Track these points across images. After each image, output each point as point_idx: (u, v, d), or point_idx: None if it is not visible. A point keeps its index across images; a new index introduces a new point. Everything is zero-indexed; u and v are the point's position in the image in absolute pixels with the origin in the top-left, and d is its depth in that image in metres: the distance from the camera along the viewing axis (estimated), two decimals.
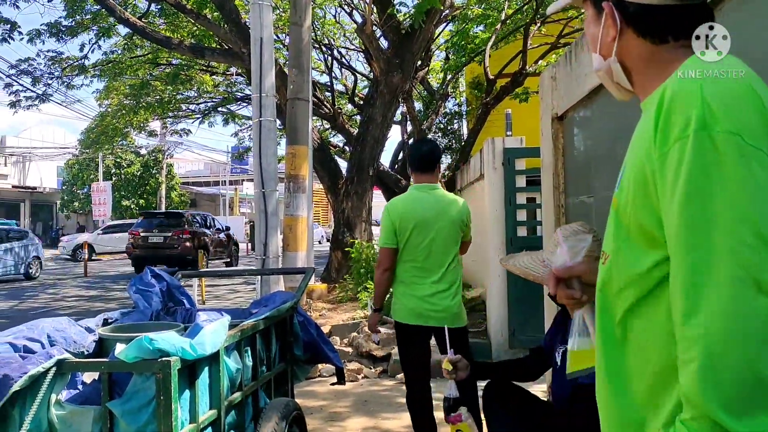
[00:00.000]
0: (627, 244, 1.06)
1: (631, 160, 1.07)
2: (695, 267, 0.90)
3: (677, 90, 0.97)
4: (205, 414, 2.40)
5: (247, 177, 51.35)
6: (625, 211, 1.05)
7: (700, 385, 0.88)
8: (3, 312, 10.87)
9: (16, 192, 33.06)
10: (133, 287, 3.39)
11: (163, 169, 35.53)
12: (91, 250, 24.96)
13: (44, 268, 19.14)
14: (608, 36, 1.14)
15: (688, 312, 0.90)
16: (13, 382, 2.09)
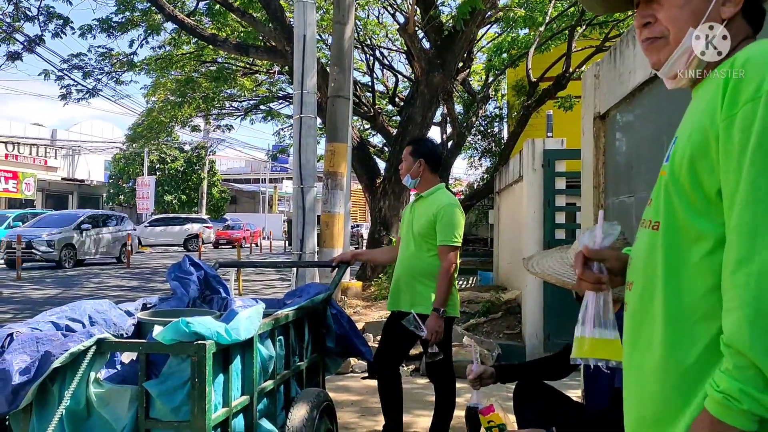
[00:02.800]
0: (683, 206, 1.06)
1: (689, 127, 1.07)
2: (755, 218, 0.91)
3: (750, 56, 1.00)
4: (237, 399, 2.43)
5: (286, 175, 51.92)
6: (680, 175, 1.05)
7: (747, 331, 0.88)
8: (50, 300, 11.24)
9: (65, 184, 34.12)
10: (171, 274, 3.46)
11: (205, 165, 36.17)
12: (138, 242, 26.04)
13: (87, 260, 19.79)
14: (724, 13, 1.12)
15: (742, 259, 0.91)
16: (55, 359, 2.16)
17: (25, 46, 12.13)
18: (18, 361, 2.17)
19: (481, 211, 22.30)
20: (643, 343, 1.12)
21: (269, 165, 45.04)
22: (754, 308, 0.88)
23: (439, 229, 3.41)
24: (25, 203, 29.76)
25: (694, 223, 1.03)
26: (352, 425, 4.09)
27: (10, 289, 12.61)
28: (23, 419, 2.26)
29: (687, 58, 1.16)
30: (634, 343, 1.15)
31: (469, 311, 7.12)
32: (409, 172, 3.58)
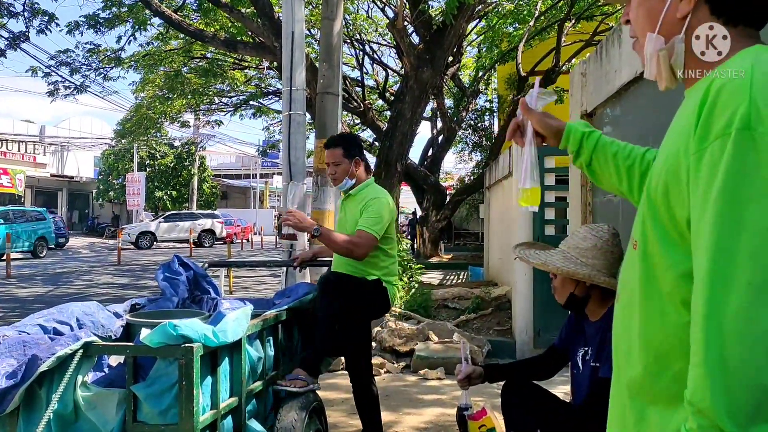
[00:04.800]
0: (656, 233, 1.01)
1: (667, 148, 1.02)
2: (717, 268, 0.87)
3: (725, 82, 0.92)
4: (226, 401, 2.43)
5: (277, 170, 51.76)
6: (655, 199, 1.00)
7: (708, 390, 0.85)
8: (40, 297, 11.17)
9: (54, 181, 33.87)
10: (161, 275, 3.45)
11: (195, 161, 36.02)
12: (153, 238, 26.96)
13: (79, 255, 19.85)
14: (679, 12, 1.05)
15: (705, 313, 0.87)
16: (42, 362, 2.15)
17: (9, 42, 12.01)
18: (4, 365, 2.16)
19: (472, 205, 22.38)
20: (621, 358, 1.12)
21: (259, 160, 44.89)
22: (714, 367, 0.84)
23: (362, 217, 3.29)
24: (13, 200, 29.55)
25: (666, 250, 0.99)
26: (342, 424, 4.10)
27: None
28: (10, 423, 2.25)
29: (655, 65, 1.09)
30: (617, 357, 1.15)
31: (459, 307, 7.15)
32: (347, 175, 3.40)
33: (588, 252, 2.07)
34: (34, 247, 20.86)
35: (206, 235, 28.98)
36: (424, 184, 16.31)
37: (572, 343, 2.35)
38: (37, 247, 21.13)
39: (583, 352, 2.24)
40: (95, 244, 30.16)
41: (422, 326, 5.95)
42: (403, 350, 5.68)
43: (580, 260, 2.06)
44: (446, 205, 16.06)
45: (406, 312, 6.66)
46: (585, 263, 2.06)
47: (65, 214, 34.13)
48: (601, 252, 2.08)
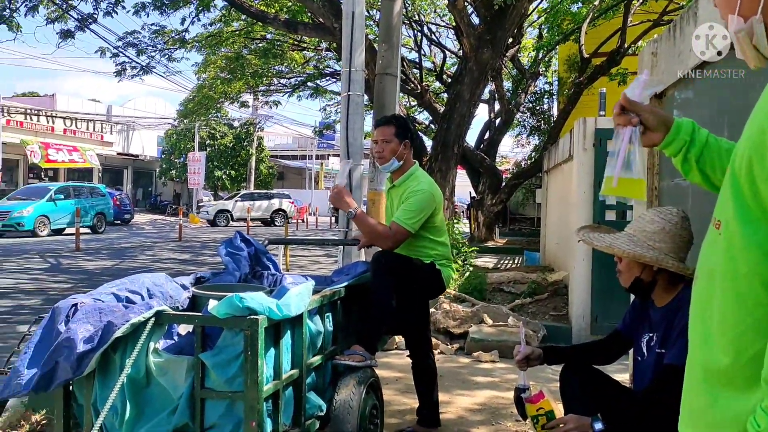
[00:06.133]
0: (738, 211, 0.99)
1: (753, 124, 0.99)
2: None
3: None
4: (287, 372, 2.50)
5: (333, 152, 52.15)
6: (739, 176, 0.98)
7: None
8: (106, 270, 11.67)
9: (120, 159, 35.12)
10: (223, 249, 3.55)
11: (253, 141, 36.66)
12: (230, 216, 28.31)
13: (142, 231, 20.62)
14: None
15: None
16: (117, 329, 2.26)
17: (79, 23, 12.44)
18: (82, 330, 2.28)
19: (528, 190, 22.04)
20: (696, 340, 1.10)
21: (315, 141, 45.32)
22: None
23: (400, 209, 3.30)
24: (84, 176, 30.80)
25: (748, 229, 0.97)
26: (395, 402, 4.15)
27: (68, 260, 13.14)
28: (86, 385, 2.38)
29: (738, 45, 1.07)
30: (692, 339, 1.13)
31: (514, 292, 7.09)
32: (395, 155, 3.37)
33: (655, 235, 2.02)
34: (93, 222, 21.73)
35: (278, 214, 30.16)
36: (480, 167, 16.15)
37: (636, 329, 2.31)
38: (96, 222, 21.98)
39: (648, 338, 2.20)
40: (157, 221, 31.23)
41: (477, 309, 5.94)
42: (456, 332, 5.69)
43: (647, 244, 2.01)
44: (502, 189, 15.87)
45: (461, 294, 6.65)
46: (652, 247, 2.01)
47: (130, 191, 35.41)
48: (669, 235, 2.03)
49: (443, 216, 3.49)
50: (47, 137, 28.79)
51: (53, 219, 20.27)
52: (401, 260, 3.26)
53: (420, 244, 3.33)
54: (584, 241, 2.19)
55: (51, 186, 21.90)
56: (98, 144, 32.15)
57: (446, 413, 3.83)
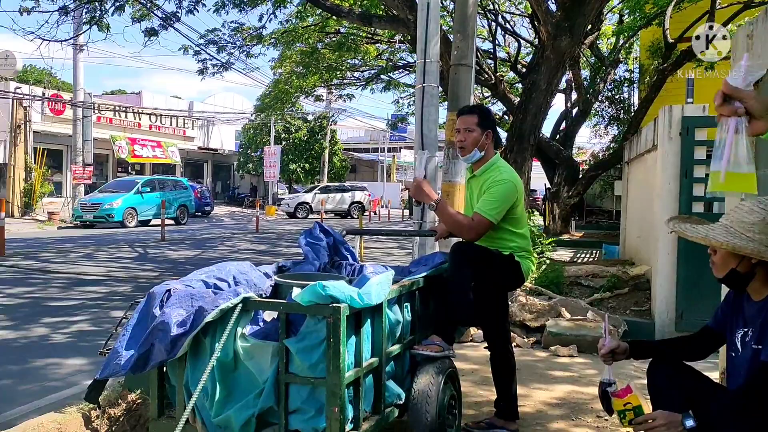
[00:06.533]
0: None
1: None
2: None
3: None
4: (367, 360, 2.55)
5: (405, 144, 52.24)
6: None
7: None
8: (189, 259, 12.17)
9: (201, 153, 36.45)
10: (303, 240, 3.64)
11: (327, 134, 37.21)
12: (310, 209, 29.27)
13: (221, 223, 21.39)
14: None
15: None
16: (207, 314, 2.37)
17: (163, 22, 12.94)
18: (176, 314, 2.40)
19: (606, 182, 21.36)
20: None
21: (388, 134, 45.51)
22: None
23: (482, 199, 3.25)
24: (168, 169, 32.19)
25: None
26: (471, 394, 4.14)
27: (154, 250, 13.78)
28: (179, 367, 2.50)
29: None
30: None
31: (593, 285, 6.91)
32: (477, 146, 3.33)
33: (755, 226, 1.92)
34: (176, 214, 22.71)
35: (355, 206, 30.89)
36: (556, 158, 15.78)
37: (730, 324, 2.21)
38: (179, 214, 22.96)
39: (743, 333, 2.10)
40: (235, 213, 32.27)
41: (554, 302, 5.82)
42: (533, 325, 5.60)
43: (746, 235, 1.92)
44: (579, 180, 15.45)
45: (537, 287, 6.54)
46: (751, 238, 1.91)
47: (210, 184, 36.72)
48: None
49: (524, 207, 3.44)
50: (134, 133, 30.24)
51: (140, 211, 21.31)
52: (480, 251, 3.24)
53: (499, 235, 3.30)
54: (677, 232, 2.10)
55: (138, 179, 23.02)
56: (181, 139, 33.46)
57: (524, 406, 3.79)
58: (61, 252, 12.82)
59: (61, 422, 2.88)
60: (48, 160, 24.31)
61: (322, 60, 16.57)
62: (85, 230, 19.40)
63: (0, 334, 5.83)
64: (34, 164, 23.29)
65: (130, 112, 30.34)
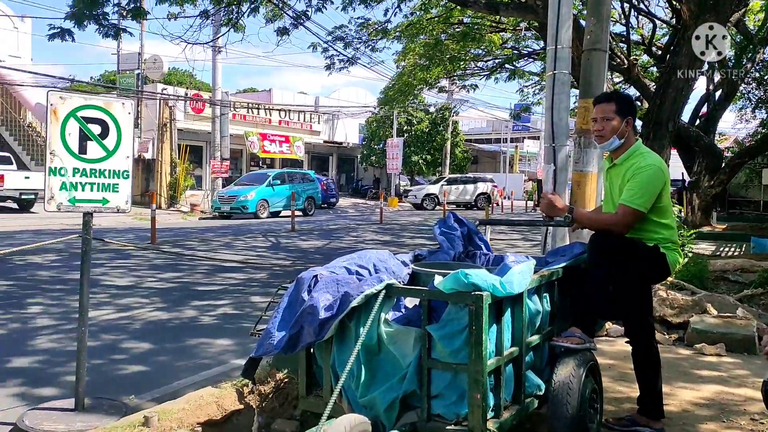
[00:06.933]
0: None
1: None
2: None
3: None
4: (508, 349, 2.55)
5: (528, 134, 51.02)
6: None
7: None
8: (318, 249, 12.68)
9: (326, 146, 37.76)
10: (438, 229, 3.70)
11: (449, 126, 37.15)
12: (436, 200, 29.46)
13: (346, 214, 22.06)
14: None
15: None
16: (353, 299, 2.48)
17: (294, 21, 13.48)
18: (323, 299, 2.53)
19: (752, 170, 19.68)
20: None
21: (510, 124, 44.64)
22: None
23: (626, 188, 3.10)
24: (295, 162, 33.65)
25: None
26: (610, 389, 4.00)
27: (286, 240, 14.48)
28: (325, 349, 2.64)
29: None
30: None
31: (742, 281, 6.42)
32: (615, 134, 3.20)
33: None
34: (304, 205, 23.61)
35: (481, 197, 30.93)
36: (696, 146, 14.74)
37: None
38: (306, 206, 23.86)
39: None
40: (359, 205, 33.10)
41: (698, 298, 5.48)
42: (674, 321, 5.31)
43: None
44: (722, 169, 14.35)
45: (679, 282, 6.18)
46: None
47: (335, 177, 37.93)
48: None
49: (669, 196, 3.27)
50: (265, 128, 31.88)
51: (271, 203, 22.45)
52: (621, 242, 3.13)
53: (642, 226, 3.16)
54: None
55: (269, 173, 24.25)
56: (307, 133, 34.82)
57: (668, 405, 3.60)
58: (203, 241, 13.80)
59: (218, 396, 3.13)
60: (190, 155, 26.23)
61: (445, 51, 16.53)
62: (222, 221, 20.75)
63: (156, 315, 6.40)
64: (178, 159, 25.20)
65: (262, 109, 32.01)
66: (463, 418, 2.38)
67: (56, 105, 3.24)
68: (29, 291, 7.38)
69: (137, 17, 10.50)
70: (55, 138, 3.24)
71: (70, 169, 3.29)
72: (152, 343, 5.31)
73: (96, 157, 3.36)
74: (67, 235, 12.60)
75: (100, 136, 3.37)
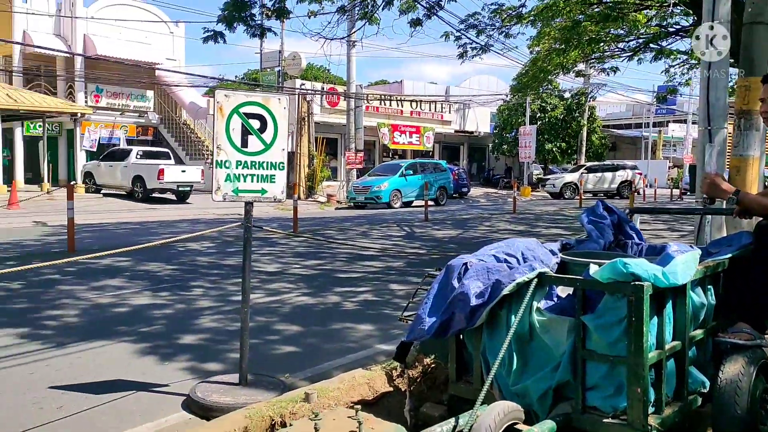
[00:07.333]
0: None
1: None
2: None
3: None
4: (669, 343, 2.43)
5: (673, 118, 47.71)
6: None
7: None
8: (452, 239, 12.72)
9: (457, 136, 37.70)
10: (585, 218, 3.58)
11: (585, 112, 35.65)
12: (576, 189, 28.52)
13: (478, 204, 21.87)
14: None
15: None
16: (504, 287, 2.48)
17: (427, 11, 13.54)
18: (474, 286, 2.55)
19: None
20: None
21: (653, 108, 41.97)
22: None
23: None
24: (424, 154, 33.90)
25: None
26: None
27: (419, 229, 14.65)
28: (476, 336, 2.66)
29: None
30: None
31: None
32: None
33: None
34: (436, 195, 23.71)
35: (624, 185, 29.79)
36: None
37: None
38: (438, 195, 23.94)
39: None
40: (490, 194, 32.73)
41: None
42: None
43: None
44: None
45: None
46: None
47: (466, 166, 37.76)
48: None
49: None
50: (397, 119, 32.40)
51: (404, 193, 22.83)
52: None
53: None
54: None
55: (401, 163, 24.65)
56: (438, 123, 34.92)
57: None
58: (341, 230, 14.32)
59: (369, 378, 3.26)
60: (326, 147, 27.28)
61: (583, 33, 15.84)
62: (357, 210, 21.39)
63: (303, 300, 6.75)
64: (315, 152, 26.30)
65: (394, 100, 32.53)
66: (621, 412, 2.31)
67: (222, 102, 3.51)
68: (190, 275, 8.06)
69: (281, 17, 11.07)
70: (221, 133, 3.52)
71: (233, 162, 3.56)
72: (301, 326, 5.62)
73: (256, 150, 3.61)
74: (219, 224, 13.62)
75: (259, 131, 3.61)
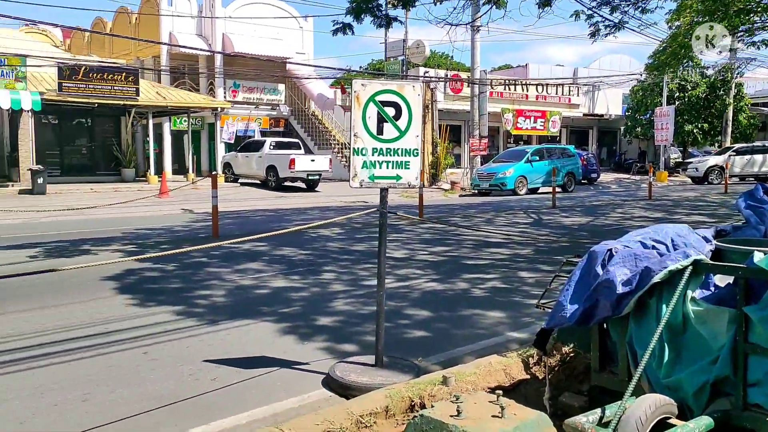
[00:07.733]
0: None
1: None
2: None
3: None
4: None
5: None
6: None
7: None
8: (582, 226, 12.25)
9: (585, 120, 36.11)
10: (743, 203, 3.33)
11: (731, 89, 32.79)
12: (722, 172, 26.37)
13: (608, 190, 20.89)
14: None
15: None
16: (654, 274, 2.36)
17: None
18: (620, 273, 2.45)
19: None
20: None
21: None
22: None
23: None
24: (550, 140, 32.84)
25: None
26: None
27: (547, 216, 14.24)
28: (622, 325, 2.56)
29: None
30: None
31: None
32: None
33: None
34: (563, 181, 22.89)
35: None
36: None
37: None
38: (566, 181, 23.10)
39: None
40: (622, 180, 31.09)
41: None
42: None
43: None
44: None
45: None
46: None
47: (595, 151, 36.11)
48: None
49: None
50: (522, 105, 31.62)
51: (530, 179, 22.28)
52: None
53: None
54: None
55: (527, 149, 24.07)
56: (565, 107, 33.65)
57: None
58: (465, 217, 14.25)
59: (505, 364, 3.24)
60: (449, 134, 27.19)
61: (729, 4, 14.57)
62: (482, 197, 21.16)
63: (431, 285, 6.81)
64: (438, 139, 26.30)
65: (518, 85, 31.76)
66: None
67: (359, 91, 3.61)
68: (322, 260, 8.38)
69: (406, 5, 11.13)
70: (357, 121, 3.62)
71: (369, 149, 3.64)
72: (430, 311, 5.67)
73: (391, 137, 3.67)
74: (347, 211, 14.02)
75: (394, 118, 3.67)
